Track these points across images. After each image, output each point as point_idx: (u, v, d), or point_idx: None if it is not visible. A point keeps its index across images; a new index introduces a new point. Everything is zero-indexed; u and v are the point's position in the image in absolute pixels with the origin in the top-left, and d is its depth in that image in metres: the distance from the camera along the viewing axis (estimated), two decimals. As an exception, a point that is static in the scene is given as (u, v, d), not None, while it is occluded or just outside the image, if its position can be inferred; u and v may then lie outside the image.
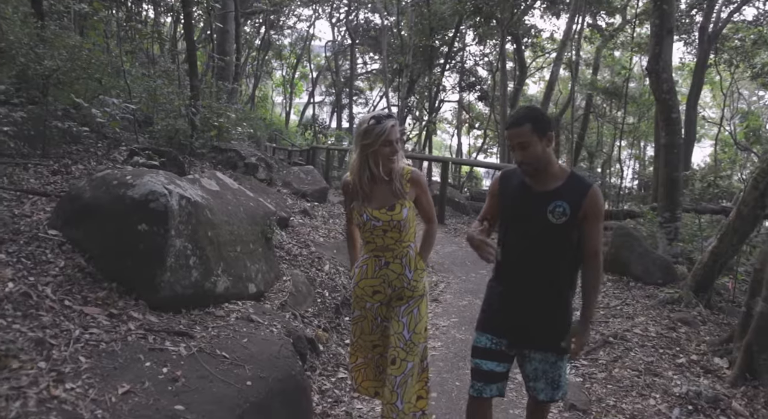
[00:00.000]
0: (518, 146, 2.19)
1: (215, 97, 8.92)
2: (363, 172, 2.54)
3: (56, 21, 8.04)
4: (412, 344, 2.59)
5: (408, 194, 2.57)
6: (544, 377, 2.35)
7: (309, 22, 32.76)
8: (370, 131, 2.46)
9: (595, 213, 2.21)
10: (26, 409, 2.06)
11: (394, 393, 2.55)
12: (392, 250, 2.60)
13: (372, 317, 2.71)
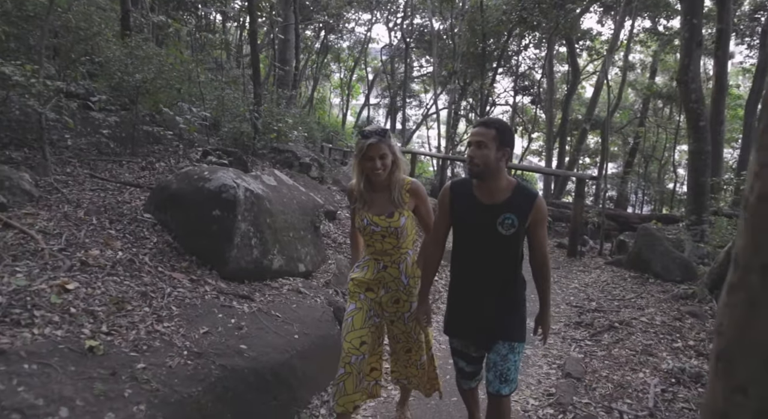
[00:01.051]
0: (476, 143, 2.33)
1: (275, 103, 9.86)
2: (360, 179, 2.70)
3: (139, 34, 9.18)
4: (420, 342, 2.93)
5: (407, 204, 2.71)
6: (494, 368, 2.48)
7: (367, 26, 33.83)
8: (357, 144, 2.65)
9: (541, 220, 2.40)
10: (139, 336, 2.90)
11: (420, 371, 2.99)
12: (390, 255, 2.75)
13: (367, 308, 2.81)
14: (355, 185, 2.73)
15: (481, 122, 2.40)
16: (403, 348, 2.96)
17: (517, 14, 10.45)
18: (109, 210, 4.38)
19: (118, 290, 3.29)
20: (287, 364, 3.31)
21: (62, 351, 2.54)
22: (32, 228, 3.73)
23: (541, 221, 2.39)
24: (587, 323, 5.09)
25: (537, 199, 2.38)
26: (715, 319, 1.18)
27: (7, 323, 2.65)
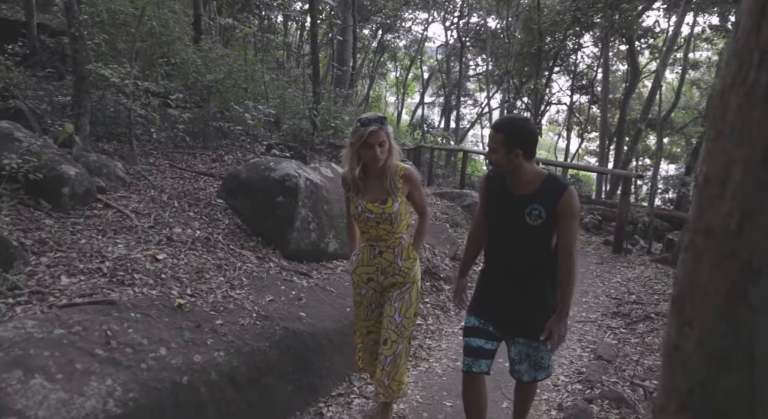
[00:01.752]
0: (489, 147, 2.40)
1: (333, 101, 10.40)
2: (354, 167, 2.69)
3: (208, 36, 9.92)
4: (403, 327, 2.80)
5: (401, 189, 2.72)
6: (528, 360, 2.51)
7: (424, 25, 34.11)
8: (355, 131, 2.62)
9: (569, 213, 2.33)
10: (216, 299, 3.42)
11: (384, 372, 2.79)
12: (385, 240, 2.78)
13: (367, 303, 2.90)
14: (348, 172, 2.74)
15: (492, 126, 2.42)
16: (382, 337, 2.85)
17: (571, 14, 10.52)
18: (187, 195, 4.99)
19: (198, 261, 3.84)
20: (340, 332, 3.75)
21: (157, 306, 3.09)
22: (126, 208, 4.35)
23: (570, 214, 2.33)
24: (624, 313, 5.29)
25: (566, 191, 2.34)
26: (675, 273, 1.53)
27: (115, 282, 3.23)
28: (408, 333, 2.85)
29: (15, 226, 3.53)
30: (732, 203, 1.32)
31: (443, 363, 4.14)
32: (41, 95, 5.79)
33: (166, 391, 2.54)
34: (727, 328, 1.37)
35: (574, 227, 2.38)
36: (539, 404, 3.56)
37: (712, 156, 1.38)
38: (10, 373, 2.21)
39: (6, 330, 2.46)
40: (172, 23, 7.88)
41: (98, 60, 5.71)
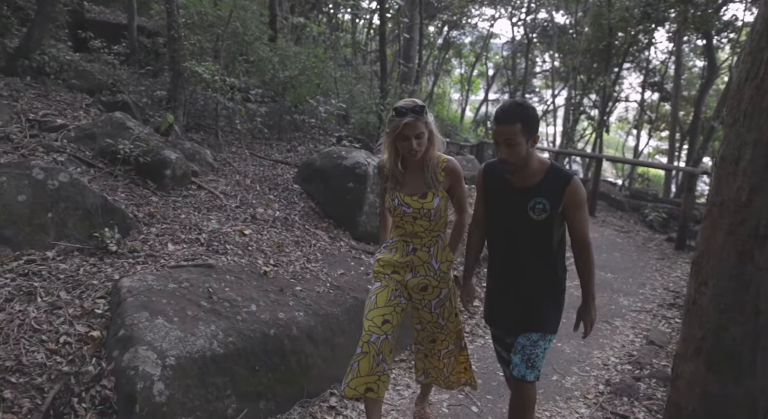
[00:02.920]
0: (505, 142, 2.17)
1: (398, 96, 10.78)
2: (391, 157, 2.52)
3: (282, 35, 10.53)
4: (448, 330, 2.72)
5: (442, 183, 2.52)
6: (522, 351, 2.36)
7: (490, 21, 33.94)
8: (391, 121, 2.43)
9: (577, 204, 2.22)
10: (295, 270, 3.88)
11: (442, 362, 2.78)
12: (420, 238, 2.56)
13: (393, 287, 2.61)
14: (386, 162, 2.56)
15: (502, 119, 2.17)
16: (428, 338, 2.78)
17: (641, 10, 10.36)
18: (267, 180, 5.52)
19: (278, 237, 4.32)
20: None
21: (247, 272, 3.57)
22: (216, 190, 4.91)
23: (578, 204, 2.23)
24: (681, 305, 5.37)
25: (571, 181, 2.22)
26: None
27: (211, 250, 3.75)
28: (456, 334, 2.76)
29: (129, 201, 4.13)
30: (743, 178, 1.61)
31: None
32: (141, 90, 6.50)
33: (257, 340, 3.00)
34: (736, 285, 1.66)
35: (584, 215, 2.28)
36: (588, 379, 3.80)
37: (728, 139, 1.66)
38: (139, 314, 2.73)
39: (133, 281, 2.99)
40: (254, 26, 8.52)
41: (191, 58, 6.36)
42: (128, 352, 2.54)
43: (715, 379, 1.72)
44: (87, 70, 6.20)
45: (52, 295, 2.88)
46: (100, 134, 4.62)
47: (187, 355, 2.64)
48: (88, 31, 7.12)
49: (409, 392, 3.48)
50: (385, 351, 2.50)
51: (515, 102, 2.22)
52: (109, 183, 4.23)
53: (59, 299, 2.87)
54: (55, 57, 5.71)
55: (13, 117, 4.48)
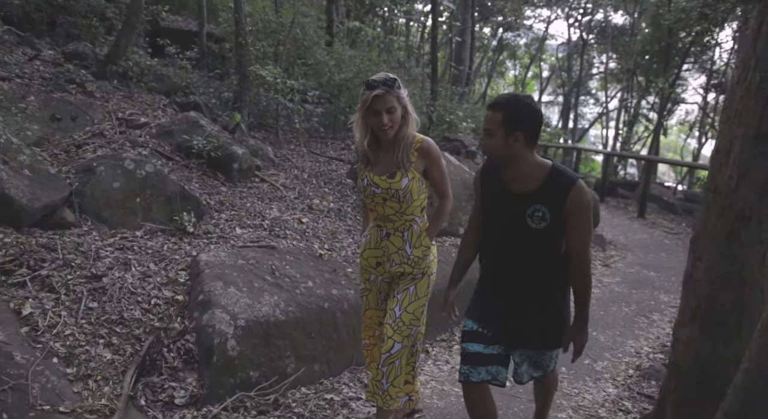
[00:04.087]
0: (484, 131, 2.05)
1: (449, 98, 11.09)
2: (363, 136, 2.39)
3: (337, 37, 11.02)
4: (401, 322, 2.42)
5: (414, 163, 2.37)
6: (528, 360, 2.27)
7: (546, 22, 33.57)
8: (361, 96, 2.30)
9: (579, 212, 2.00)
10: (347, 254, 4.29)
11: (380, 371, 2.43)
12: (392, 221, 2.44)
13: (377, 290, 2.58)
14: (359, 141, 2.43)
15: (489, 105, 2.05)
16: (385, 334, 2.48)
17: (698, 11, 10.19)
18: (322, 175, 5.97)
19: (332, 226, 4.75)
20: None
21: (304, 254, 4.01)
22: (277, 183, 5.40)
23: (579, 213, 2.00)
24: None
25: (574, 187, 1.99)
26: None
27: (273, 235, 4.22)
28: (408, 331, 2.43)
29: (202, 190, 4.65)
30: (733, 168, 1.89)
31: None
32: (210, 92, 7.10)
33: (313, 311, 3.42)
34: (725, 260, 1.93)
35: (587, 228, 2.05)
36: (619, 364, 4.02)
37: (722, 134, 1.94)
38: (215, 283, 3.19)
39: (209, 257, 3.48)
40: (312, 31, 9.04)
41: (255, 63, 6.91)
42: (206, 313, 3.01)
43: (707, 342, 1.97)
44: (164, 74, 6.86)
45: (143, 266, 3.40)
46: (177, 131, 5.19)
47: (254, 319, 3.08)
48: (165, 39, 7.80)
49: (447, 367, 3.81)
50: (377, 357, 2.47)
51: (511, 93, 2.11)
52: (185, 174, 4.77)
53: (149, 270, 3.38)
54: (137, 63, 6.37)
55: (106, 116, 5.11)
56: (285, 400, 2.95)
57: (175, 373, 2.79)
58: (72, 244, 3.38)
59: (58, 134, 4.53)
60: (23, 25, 6.60)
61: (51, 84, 5.19)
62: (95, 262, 3.28)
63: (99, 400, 2.41)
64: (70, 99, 5.03)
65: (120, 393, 2.50)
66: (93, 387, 2.48)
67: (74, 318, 2.81)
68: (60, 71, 5.54)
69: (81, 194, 3.82)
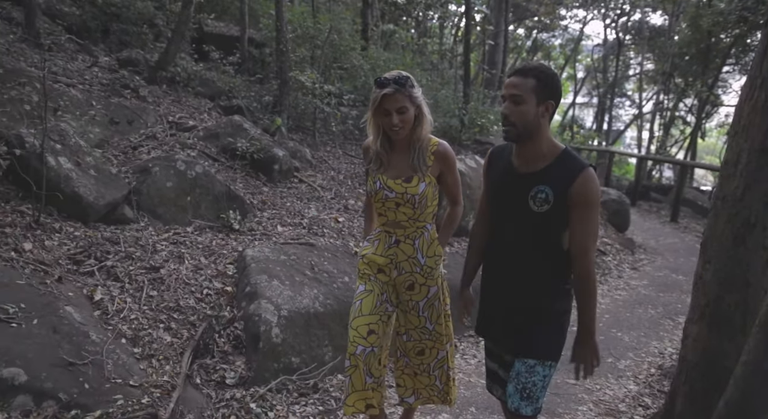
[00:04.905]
0: (511, 98, 1.85)
1: (481, 102, 11.23)
2: (377, 136, 2.27)
3: (372, 40, 11.29)
4: (437, 333, 2.38)
5: (430, 168, 2.26)
6: (516, 379, 1.98)
7: (582, 23, 33.17)
8: (371, 95, 2.20)
9: (585, 202, 1.82)
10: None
11: (432, 376, 2.43)
12: (404, 228, 2.31)
13: (379, 291, 2.35)
14: (371, 142, 2.33)
15: (516, 71, 1.88)
16: (414, 349, 2.43)
17: (737, 15, 10.05)
18: (357, 177, 6.24)
19: (367, 225, 5.01)
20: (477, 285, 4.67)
21: (341, 251, 4.27)
22: (314, 183, 5.69)
23: (585, 205, 1.82)
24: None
25: (582, 172, 1.82)
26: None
27: (311, 233, 4.50)
28: (446, 338, 2.41)
29: (246, 190, 4.97)
30: (740, 179, 2.06)
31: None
32: (251, 95, 7.44)
33: (349, 304, 3.65)
34: (731, 263, 2.10)
35: (592, 222, 1.85)
36: (641, 363, 4.16)
37: (731, 147, 2.11)
38: (260, 276, 3.48)
39: (254, 252, 3.77)
40: (348, 35, 9.33)
41: (294, 68, 7.22)
42: (253, 303, 3.29)
43: (714, 338, 2.13)
44: (209, 79, 7.24)
45: (195, 259, 3.71)
46: (223, 133, 5.53)
47: (295, 310, 3.36)
48: (207, 44, 8.20)
49: (475, 361, 4.02)
50: (372, 364, 2.28)
51: (537, 62, 1.93)
52: (230, 175, 5.10)
53: (200, 263, 3.69)
54: (184, 68, 6.76)
55: (157, 119, 5.48)
56: (323, 385, 3.21)
57: (226, 356, 3.09)
58: (132, 238, 3.72)
59: (117, 137, 4.91)
60: (81, 33, 7.08)
61: (109, 89, 5.59)
62: (153, 255, 3.61)
63: (161, 377, 2.72)
64: (126, 104, 5.42)
65: (179, 371, 2.80)
66: (156, 366, 2.79)
67: (137, 304, 3.13)
68: (116, 77, 5.94)
69: (138, 192, 4.18)
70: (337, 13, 10.29)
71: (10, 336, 2.41)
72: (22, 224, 3.31)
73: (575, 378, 1.98)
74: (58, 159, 3.65)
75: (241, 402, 2.81)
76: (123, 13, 7.79)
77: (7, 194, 3.48)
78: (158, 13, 8.32)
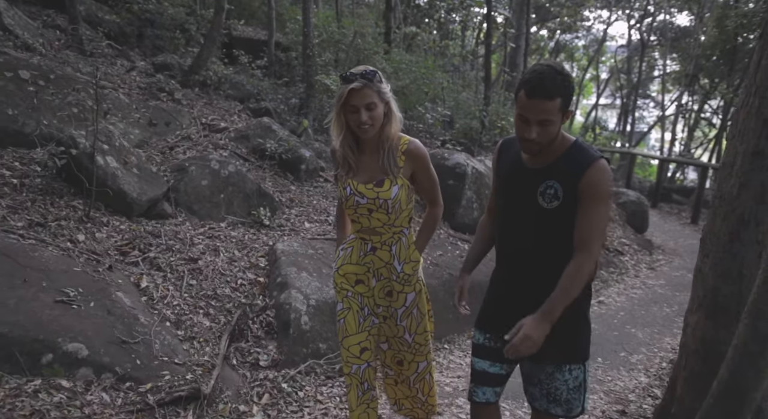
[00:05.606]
0: (539, 123, 1.72)
1: (502, 104, 11.37)
2: (342, 138, 2.12)
3: (394, 42, 11.52)
4: (417, 345, 2.28)
5: (402, 169, 2.12)
6: (539, 385, 1.93)
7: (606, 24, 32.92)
8: (337, 91, 2.06)
9: (594, 194, 1.74)
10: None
11: (414, 389, 2.36)
12: (380, 234, 2.18)
13: (357, 307, 2.24)
14: (336, 145, 2.17)
15: (539, 92, 1.69)
16: (394, 358, 2.36)
17: (761, 17, 10.00)
18: (380, 177, 6.48)
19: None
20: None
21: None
22: (339, 183, 5.94)
23: (593, 197, 1.75)
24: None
25: (594, 165, 1.75)
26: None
27: (337, 229, 4.74)
28: (426, 348, 2.31)
29: (275, 188, 5.24)
30: (736, 179, 2.24)
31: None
32: (279, 98, 7.73)
33: (372, 296, 3.91)
34: (727, 257, 2.28)
35: (600, 216, 1.77)
36: (653, 357, 4.32)
37: (728, 150, 2.29)
38: (290, 268, 3.74)
39: (284, 246, 4.03)
40: (371, 39, 9.58)
41: (320, 72, 7.49)
42: (284, 293, 3.55)
43: (711, 326, 2.30)
44: (238, 82, 7.55)
45: (229, 252, 3.99)
46: (252, 135, 5.81)
47: (323, 299, 3.60)
48: (236, 48, 8.52)
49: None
50: (370, 378, 2.24)
51: (554, 69, 1.72)
52: (260, 174, 5.37)
53: (234, 255, 3.96)
54: (216, 72, 7.08)
55: (191, 121, 5.79)
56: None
57: (259, 341, 3.35)
58: (171, 232, 4.01)
59: (155, 138, 5.23)
60: (118, 39, 7.45)
61: (146, 93, 5.93)
62: (191, 247, 3.89)
63: (202, 357, 2.98)
64: (163, 106, 5.74)
65: (217, 353, 3.06)
66: (197, 347, 3.06)
67: (179, 291, 3.41)
68: (152, 81, 6.28)
69: (176, 189, 4.47)
70: (360, 16, 10.56)
71: (71, 316, 2.70)
72: (75, 218, 3.61)
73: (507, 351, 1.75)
74: (106, 158, 3.95)
75: (274, 382, 3.06)
76: (157, 19, 8.16)
77: (61, 190, 3.80)
78: (189, 19, 8.68)
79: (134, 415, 2.44)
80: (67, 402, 2.32)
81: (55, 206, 3.63)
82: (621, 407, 3.41)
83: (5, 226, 3.18)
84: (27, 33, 5.74)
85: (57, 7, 7.20)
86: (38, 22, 6.48)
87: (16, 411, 2.13)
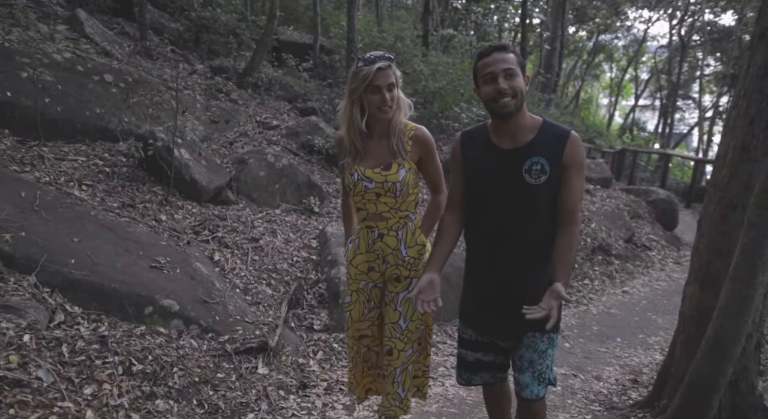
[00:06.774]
0: (504, 73, 1.82)
1: (536, 104, 11.69)
2: (352, 123, 2.15)
3: (433, 48, 11.95)
4: (409, 332, 2.27)
5: (409, 153, 2.17)
6: (531, 368, 1.98)
7: (647, 23, 32.55)
8: (357, 74, 2.08)
9: (576, 164, 1.87)
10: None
11: (396, 383, 2.32)
12: (386, 219, 2.21)
13: (365, 299, 2.32)
14: (344, 132, 2.20)
15: (497, 47, 1.88)
16: (385, 347, 2.33)
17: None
18: (417, 172, 6.94)
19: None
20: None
21: (404, 233, 4.98)
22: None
23: (576, 166, 1.88)
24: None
25: (570, 137, 1.89)
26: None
27: (378, 217, 5.24)
28: (416, 336, 2.31)
29: (322, 180, 5.77)
30: (726, 169, 2.62)
31: (599, 308, 5.38)
32: (324, 98, 8.29)
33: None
34: (719, 235, 2.66)
35: (580, 184, 1.91)
36: (670, 339, 4.63)
37: (721, 144, 2.68)
38: (338, 248, 4.23)
39: (333, 229, 4.55)
40: (409, 41, 10.04)
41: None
42: (334, 269, 4.06)
43: (705, 296, 2.66)
44: (287, 84, 8.14)
45: (285, 234, 4.53)
46: (302, 132, 6.36)
47: (367, 276, 4.09)
48: (284, 52, 9.12)
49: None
50: (371, 358, 2.39)
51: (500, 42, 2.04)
52: (309, 167, 5.92)
53: (290, 237, 4.50)
54: (267, 74, 7.67)
55: (247, 119, 6.39)
56: (389, 337, 3.93)
57: (312, 309, 3.86)
58: (235, 216, 4.57)
59: (216, 134, 5.83)
60: (177, 44, 8.13)
61: (207, 94, 6.55)
62: (252, 229, 4.44)
63: (267, 318, 3.51)
64: (222, 106, 6.35)
65: (279, 316, 3.59)
66: (262, 310, 3.59)
67: (245, 265, 3.96)
68: (211, 83, 6.91)
69: (237, 179, 5.04)
70: (399, 18, 11.02)
71: (164, 278, 3.26)
72: (156, 201, 4.21)
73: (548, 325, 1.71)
74: (180, 151, 4.54)
75: (326, 343, 3.57)
76: (211, 25, 8.82)
77: (143, 177, 4.40)
78: (240, 25, 9.33)
79: (216, 359, 2.97)
80: (165, 345, 2.87)
81: (140, 191, 4.23)
82: (633, 376, 3.79)
83: (105, 206, 3.78)
84: (104, 40, 6.43)
85: (125, 16, 7.94)
86: (115, 31, 7.20)
87: (132, 346, 2.69)
